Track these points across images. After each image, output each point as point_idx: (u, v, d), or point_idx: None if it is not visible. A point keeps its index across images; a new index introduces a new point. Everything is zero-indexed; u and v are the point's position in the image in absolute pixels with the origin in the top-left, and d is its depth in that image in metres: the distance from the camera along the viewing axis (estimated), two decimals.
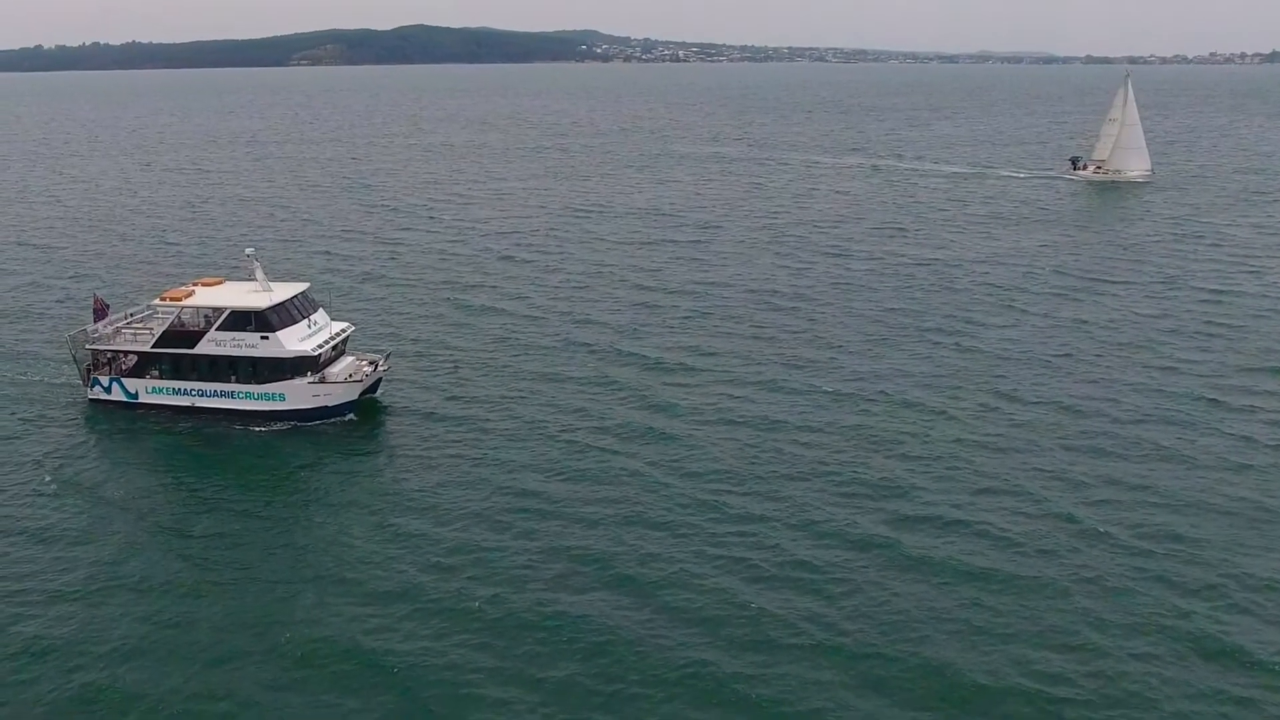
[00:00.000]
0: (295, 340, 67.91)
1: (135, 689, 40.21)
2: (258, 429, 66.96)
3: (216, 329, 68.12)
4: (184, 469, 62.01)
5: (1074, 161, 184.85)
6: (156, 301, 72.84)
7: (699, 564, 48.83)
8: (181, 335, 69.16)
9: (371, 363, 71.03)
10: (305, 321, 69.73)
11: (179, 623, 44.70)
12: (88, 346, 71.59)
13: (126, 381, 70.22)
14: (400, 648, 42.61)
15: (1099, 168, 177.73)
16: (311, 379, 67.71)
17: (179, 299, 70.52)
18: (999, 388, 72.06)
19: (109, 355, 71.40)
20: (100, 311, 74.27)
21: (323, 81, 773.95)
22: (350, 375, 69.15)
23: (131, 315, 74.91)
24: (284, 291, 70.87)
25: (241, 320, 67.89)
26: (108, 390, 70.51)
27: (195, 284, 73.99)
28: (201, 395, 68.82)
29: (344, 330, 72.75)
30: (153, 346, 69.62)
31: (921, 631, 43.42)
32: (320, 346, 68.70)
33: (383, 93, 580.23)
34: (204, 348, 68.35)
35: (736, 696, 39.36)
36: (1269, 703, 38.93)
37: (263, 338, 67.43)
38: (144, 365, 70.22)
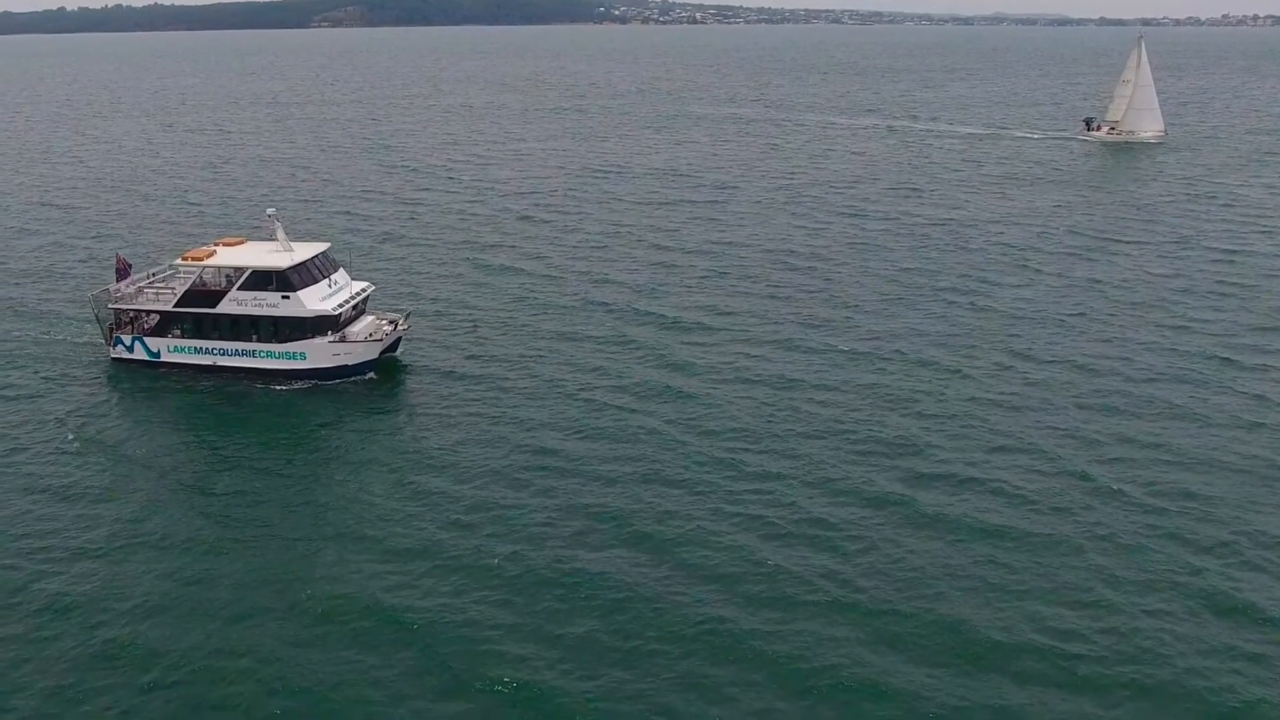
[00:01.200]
0: (316, 300, 68.24)
1: (157, 645, 40.66)
2: (279, 388, 67.37)
3: (238, 288, 68.46)
4: (205, 427, 62.54)
5: (1088, 122, 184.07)
6: (178, 261, 73.03)
7: (716, 521, 49.21)
8: (203, 295, 69.57)
9: (391, 322, 71.25)
10: (326, 281, 70.01)
11: (200, 580, 45.18)
12: (110, 306, 71.98)
13: (149, 340, 70.74)
14: (420, 604, 43.04)
15: (1112, 129, 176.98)
16: (332, 338, 68.06)
17: (201, 259, 70.77)
18: (1013, 346, 72.20)
19: (131, 314, 71.87)
20: (123, 271, 74.63)
21: (343, 43, 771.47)
22: (370, 334, 69.45)
23: (154, 275, 75.32)
24: (305, 251, 71.04)
25: (263, 280, 68.22)
26: (130, 349, 71.07)
27: (217, 244, 74.26)
28: (223, 354, 69.29)
29: (364, 290, 73.04)
30: (175, 306, 70.09)
31: (936, 588, 43.78)
32: (341, 306, 69.02)
33: (402, 54, 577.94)
34: (225, 307, 68.74)
35: (753, 652, 39.72)
36: None
37: (284, 297, 67.77)
38: (166, 324, 70.73)
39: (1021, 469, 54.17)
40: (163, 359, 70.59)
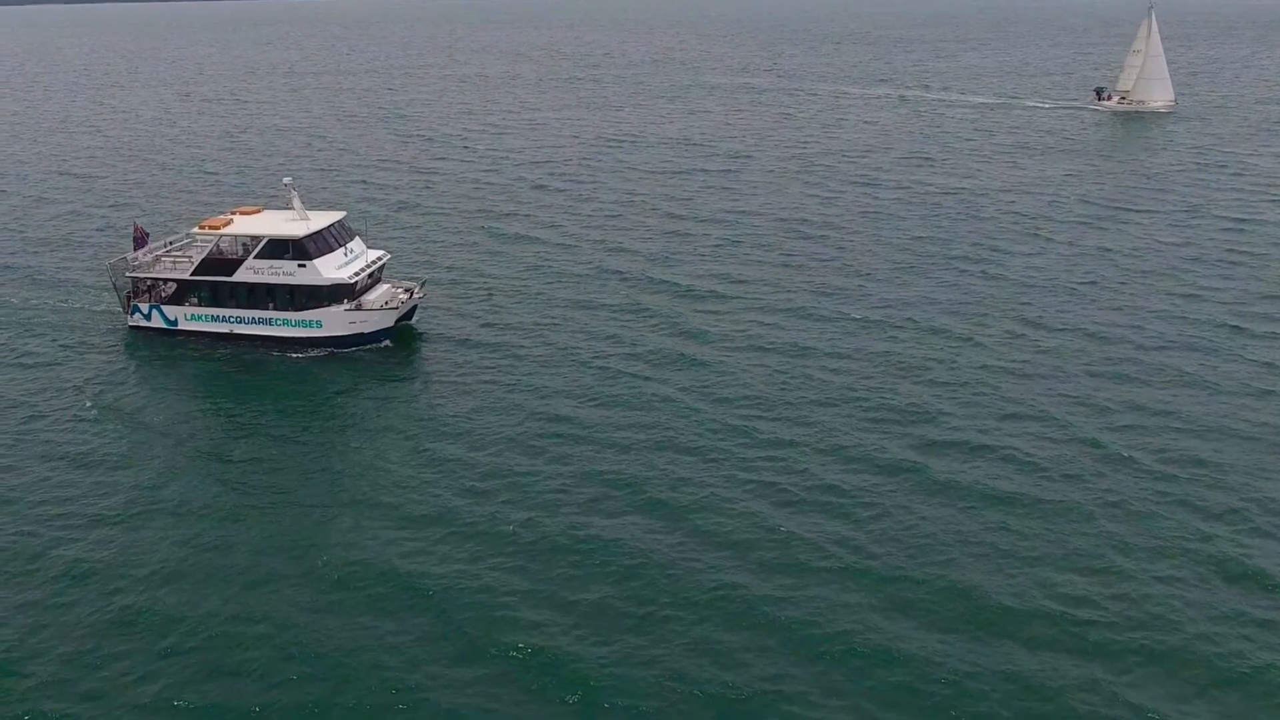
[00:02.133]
0: (332, 268, 68.48)
1: (174, 611, 41.10)
2: (295, 355, 67.75)
3: (255, 257, 68.72)
4: (222, 395, 62.96)
5: (1098, 92, 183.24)
6: (195, 230, 73.35)
7: (729, 488, 49.50)
8: (220, 263, 69.87)
9: (407, 290, 71.48)
10: (342, 249, 70.22)
11: (217, 546, 45.63)
12: (128, 274, 72.34)
13: (166, 309, 71.12)
14: (435, 571, 43.40)
15: (1123, 98, 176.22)
16: (348, 306, 68.33)
17: (218, 227, 70.96)
18: (1024, 315, 72.23)
19: (149, 283, 72.25)
20: (140, 240, 74.93)
21: (360, 13, 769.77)
22: (386, 302, 69.72)
23: (171, 243, 75.72)
24: (321, 220, 71.23)
25: (279, 248, 68.45)
26: (147, 317, 71.46)
27: (234, 212, 74.44)
28: (240, 322, 69.64)
29: (380, 258, 73.27)
30: (192, 274, 70.42)
31: (948, 555, 44.01)
32: (357, 274, 69.25)
33: (418, 25, 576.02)
34: (242, 275, 69.03)
35: (766, 618, 40.02)
36: None
37: (300, 265, 68.01)
38: (183, 293, 71.10)
39: (1033, 436, 54.30)
40: (180, 327, 70.97)
